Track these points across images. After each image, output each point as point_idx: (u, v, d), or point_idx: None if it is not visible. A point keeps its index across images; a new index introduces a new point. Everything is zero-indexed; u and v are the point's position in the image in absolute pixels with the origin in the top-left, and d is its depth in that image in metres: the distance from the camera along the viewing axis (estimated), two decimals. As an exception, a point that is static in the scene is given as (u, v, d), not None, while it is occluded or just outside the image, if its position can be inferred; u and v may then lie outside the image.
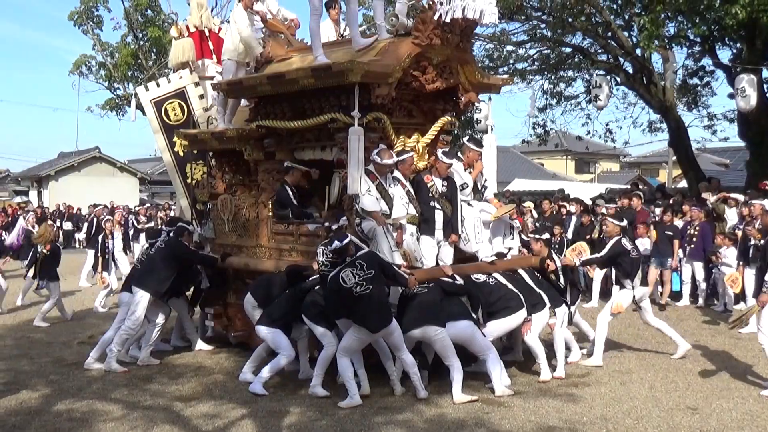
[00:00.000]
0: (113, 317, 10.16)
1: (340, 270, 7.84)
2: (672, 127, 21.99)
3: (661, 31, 16.88)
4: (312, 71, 8.70)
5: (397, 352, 8.00)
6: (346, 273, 7.78)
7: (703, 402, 8.01)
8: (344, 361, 7.91)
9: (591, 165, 54.29)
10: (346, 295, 7.74)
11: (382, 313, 7.78)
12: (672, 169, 35.44)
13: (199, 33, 12.27)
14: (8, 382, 8.86)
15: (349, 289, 7.71)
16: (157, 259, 9.71)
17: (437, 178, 9.13)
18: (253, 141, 9.93)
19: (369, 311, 7.74)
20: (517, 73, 22.80)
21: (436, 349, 8.17)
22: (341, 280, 7.75)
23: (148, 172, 46.97)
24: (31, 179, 44.77)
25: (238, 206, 10.22)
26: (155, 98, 12.27)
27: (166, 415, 7.57)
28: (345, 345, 7.96)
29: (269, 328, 8.45)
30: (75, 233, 33.13)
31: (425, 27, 8.72)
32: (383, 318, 7.78)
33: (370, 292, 7.70)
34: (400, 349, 7.94)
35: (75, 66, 34.94)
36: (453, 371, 8.00)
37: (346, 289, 7.72)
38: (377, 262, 7.87)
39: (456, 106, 9.76)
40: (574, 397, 8.14)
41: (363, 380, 8.12)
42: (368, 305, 7.72)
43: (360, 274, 7.72)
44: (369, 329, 7.79)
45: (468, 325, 8.15)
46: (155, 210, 27.26)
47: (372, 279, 7.71)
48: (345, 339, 7.96)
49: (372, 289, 7.71)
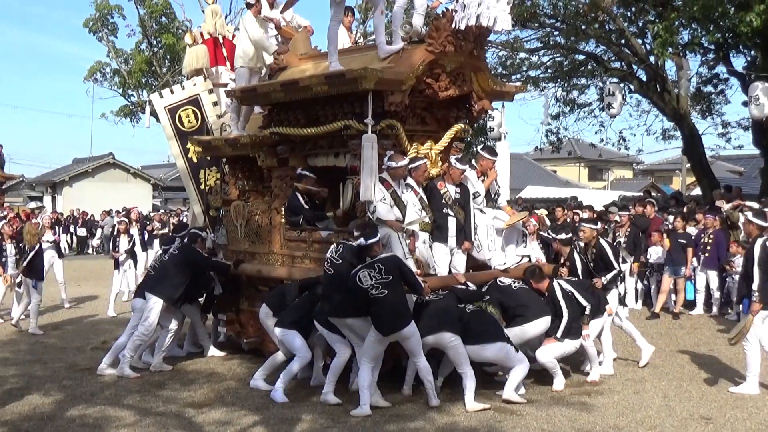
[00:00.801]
0: (126, 323, 10.19)
1: (359, 270, 7.85)
2: (686, 135, 21.91)
3: (675, 39, 16.84)
4: (325, 78, 8.72)
5: (414, 358, 7.96)
6: (363, 273, 7.78)
7: (717, 412, 7.96)
8: (364, 368, 7.86)
9: (604, 172, 54.12)
10: (362, 295, 7.74)
11: (395, 317, 7.74)
12: (686, 177, 35.32)
13: (213, 40, 12.32)
14: (21, 387, 8.89)
15: (365, 290, 7.71)
16: (170, 265, 9.73)
17: (450, 184, 9.12)
18: (266, 148, 9.95)
19: (382, 314, 7.72)
20: (530, 81, 22.78)
21: (449, 355, 8.15)
22: (358, 279, 7.76)
23: (162, 178, 47.13)
24: (46, 185, 44.99)
25: (251, 213, 10.24)
26: (169, 105, 12.32)
27: (179, 421, 7.57)
28: (365, 350, 7.91)
29: (285, 330, 8.46)
30: (89, 239, 33.27)
31: (439, 34, 8.72)
32: (396, 322, 7.73)
33: (384, 297, 7.68)
34: (416, 355, 7.90)
35: (90, 73, 35.18)
36: (466, 379, 7.97)
37: (363, 290, 7.72)
38: (398, 268, 7.84)
39: (469, 113, 9.74)
40: (587, 406, 8.10)
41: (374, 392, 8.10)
42: (382, 308, 7.70)
43: (377, 277, 7.72)
44: (379, 331, 7.77)
45: (501, 347, 8.12)
46: (168, 216, 27.34)
47: (388, 284, 7.69)
48: (365, 345, 7.92)
49: (387, 294, 7.68)
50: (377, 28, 9.31)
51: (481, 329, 8.14)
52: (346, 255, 8.04)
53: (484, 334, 8.11)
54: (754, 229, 8.95)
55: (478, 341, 8.07)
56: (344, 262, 8.00)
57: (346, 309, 7.95)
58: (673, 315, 13.65)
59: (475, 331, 8.11)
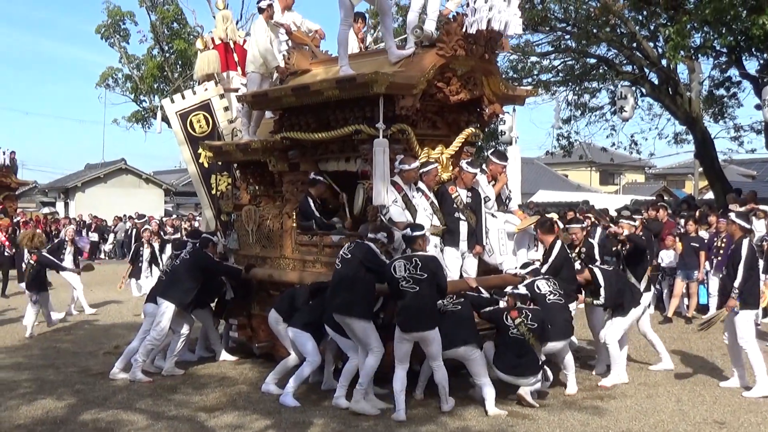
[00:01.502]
0: (138, 328, 10.22)
1: (396, 259, 7.90)
2: (698, 139, 21.82)
3: (687, 42, 16.79)
4: (336, 83, 8.72)
5: (433, 362, 7.90)
6: (399, 263, 7.80)
7: (730, 416, 7.91)
8: (398, 372, 7.84)
9: (616, 176, 53.97)
10: (394, 285, 7.76)
11: (421, 316, 7.69)
12: (698, 181, 35.17)
13: (224, 45, 12.37)
14: (34, 391, 8.92)
15: (397, 279, 7.73)
16: (181, 270, 9.75)
17: (462, 189, 9.11)
18: (277, 152, 9.97)
19: (408, 309, 7.70)
20: (541, 85, 22.73)
21: (469, 367, 8.12)
22: (393, 268, 7.79)
23: (173, 183, 47.33)
24: (58, 190, 45.25)
25: (262, 217, 10.26)
26: (180, 110, 12.37)
27: (191, 425, 7.58)
28: (395, 354, 7.88)
29: (298, 331, 8.45)
30: (101, 244, 33.39)
31: (450, 38, 8.72)
32: (420, 322, 7.69)
33: (415, 292, 7.66)
34: (436, 359, 7.85)
35: (102, 79, 35.39)
36: (485, 387, 7.96)
37: (395, 279, 7.74)
38: (434, 269, 7.82)
39: (480, 117, 9.74)
40: (600, 410, 8.06)
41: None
42: (409, 303, 7.68)
43: (411, 270, 7.71)
44: (402, 327, 7.74)
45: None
46: (181, 221, 27.44)
47: (421, 281, 7.68)
48: (394, 347, 7.89)
49: (418, 290, 7.66)
50: (387, 32, 9.31)
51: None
52: (356, 252, 8.00)
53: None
54: (737, 230, 9.17)
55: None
56: (353, 258, 7.97)
57: (350, 307, 7.88)
58: (686, 319, 13.59)
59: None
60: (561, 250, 9.13)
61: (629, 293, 9.38)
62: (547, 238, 9.32)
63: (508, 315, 8.21)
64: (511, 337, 8.10)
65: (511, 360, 8.10)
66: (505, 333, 8.15)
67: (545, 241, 9.34)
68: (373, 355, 7.86)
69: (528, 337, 8.07)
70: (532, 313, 8.19)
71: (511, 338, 8.10)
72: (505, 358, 8.11)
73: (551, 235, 9.30)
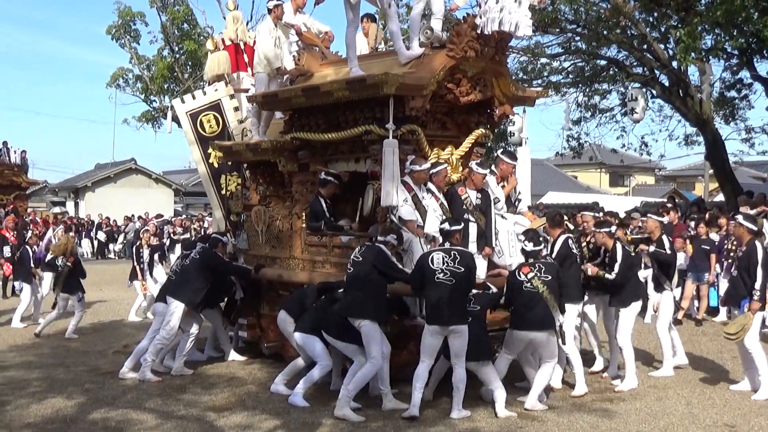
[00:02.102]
0: (148, 327, 10.24)
1: (434, 250, 7.91)
2: (709, 141, 21.75)
3: (698, 44, 16.72)
4: (346, 83, 8.73)
5: (455, 359, 7.85)
6: (437, 255, 7.80)
7: (741, 419, 7.87)
8: (421, 366, 7.84)
9: (626, 178, 53.84)
10: (428, 276, 7.74)
11: (453, 309, 7.68)
12: (708, 183, 35.03)
13: (235, 46, 12.39)
14: (44, 390, 8.96)
15: (432, 270, 7.71)
16: (191, 270, 9.76)
17: (471, 190, 9.10)
18: (287, 153, 9.98)
19: (441, 301, 7.69)
20: (551, 86, 22.66)
21: (480, 377, 8.10)
22: (430, 259, 7.78)
23: (183, 183, 47.43)
24: (68, 190, 45.40)
25: (272, 217, 10.27)
26: (191, 110, 12.39)
27: (200, 425, 7.60)
28: (422, 348, 7.88)
29: (306, 335, 8.45)
30: (109, 244, 33.51)
31: (460, 39, 8.71)
32: (453, 315, 7.68)
33: (451, 285, 7.66)
34: (460, 357, 7.82)
35: (112, 79, 35.54)
36: (496, 391, 7.96)
37: (430, 270, 7.72)
38: (471, 265, 7.85)
39: (490, 118, 9.73)
40: (609, 413, 8.04)
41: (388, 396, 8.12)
42: (443, 294, 7.67)
43: (449, 263, 7.72)
44: (431, 319, 7.72)
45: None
46: (191, 221, 27.51)
47: (457, 274, 7.68)
48: (422, 342, 7.89)
49: (454, 283, 7.67)
50: (394, 34, 9.29)
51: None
52: (367, 254, 8.00)
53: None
54: (745, 232, 9.16)
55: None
56: (365, 261, 7.97)
57: (363, 309, 7.88)
58: (696, 321, 13.55)
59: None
60: (563, 245, 9.05)
61: (635, 280, 9.37)
62: (554, 231, 9.31)
63: (520, 271, 8.21)
64: (525, 292, 8.08)
65: (529, 315, 8.08)
66: (519, 290, 8.11)
67: (552, 234, 9.34)
68: (370, 364, 7.85)
69: (542, 290, 8.04)
70: (545, 266, 8.19)
71: (526, 293, 8.07)
72: (525, 315, 8.09)
73: (559, 228, 9.30)
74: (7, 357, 10.90)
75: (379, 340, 7.89)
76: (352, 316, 7.94)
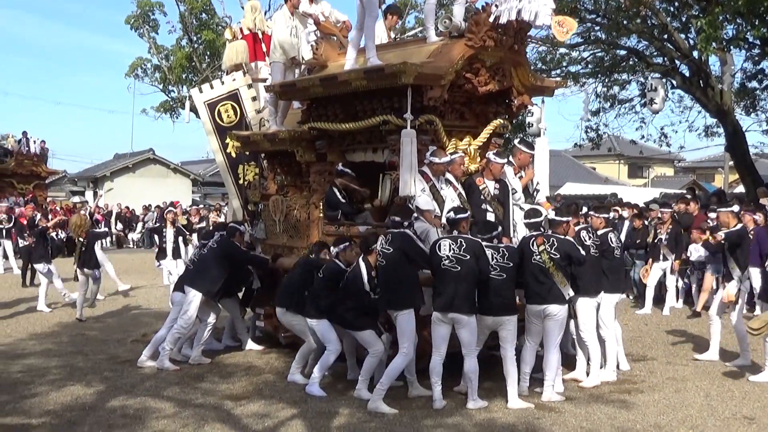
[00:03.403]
0: (166, 316, 10.29)
1: (442, 238, 7.94)
2: (729, 132, 21.57)
3: (719, 34, 16.53)
4: (364, 73, 8.70)
5: (464, 349, 7.84)
6: (445, 242, 7.84)
7: (760, 411, 7.82)
8: (434, 359, 7.85)
9: (644, 169, 53.50)
10: (436, 263, 7.78)
11: (457, 297, 7.69)
12: (728, 174, 34.77)
13: (253, 35, 12.38)
14: (64, 377, 9.03)
15: (439, 257, 7.76)
16: (209, 259, 9.80)
17: (489, 180, 9.06)
18: (304, 142, 9.97)
19: (446, 288, 7.71)
20: (570, 76, 22.55)
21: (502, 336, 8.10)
22: (438, 246, 7.82)
23: (201, 173, 47.55)
24: (87, 180, 45.64)
25: (289, 207, 10.28)
26: (209, 100, 12.42)
27: (217, 413, 7.63)
28: (433, 339, 7.89)
29: (317, 320, 8.46)
30: (128, 234, 33.66)
31: (479, 29, 8.66)
32: (456, 303, 7.69)
33: (456, 272, 7.68)
34: (468, 347, 7.81)
35: (131, 69, 35.69)
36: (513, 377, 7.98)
37: (437, 257, 7.77)
38: (478, 252, 7.81)
39: (508, 108, 9.67)
40: (627, 404, 8.01)
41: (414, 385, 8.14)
42: (448, 281, 7.69)
43: (455, 250, 7.74)
44: (437, 307, 7.75)
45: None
46: (208, 210, 27.55)
47: (463, 262, 7.69)
48: (432, 335, 7.90)
49: (459, 271, 7.68)
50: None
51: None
52: (396, 243, 7.95)
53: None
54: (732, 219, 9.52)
55: None
56: (395, 250, 7.93)
57: (401, 301, 7.86)
58: (715, 314, 13.41)
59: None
60: (577, 237, 8.86)
61: (597, 272, 8.96)
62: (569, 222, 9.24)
63: (535, 241, 8.21)
64: (533, 263, 8.11)
65: (535, 287, 8.11)
66: (528, 261, 8.13)
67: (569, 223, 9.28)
68: (401, 356, 7.86)
69: (548, 266, 8.06)
70: (558, 243, 8.17)
71: (533, 265, 8.11)
72: (530, 287, 8.14)
73: (575, 218, 9.21)
74: (27, 345, 10.99)
75: (413, 332, 7.88)
76: (391, 308, 7.95)
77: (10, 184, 32.85)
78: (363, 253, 8.30)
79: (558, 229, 8.33)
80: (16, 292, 16.61)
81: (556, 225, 8.35)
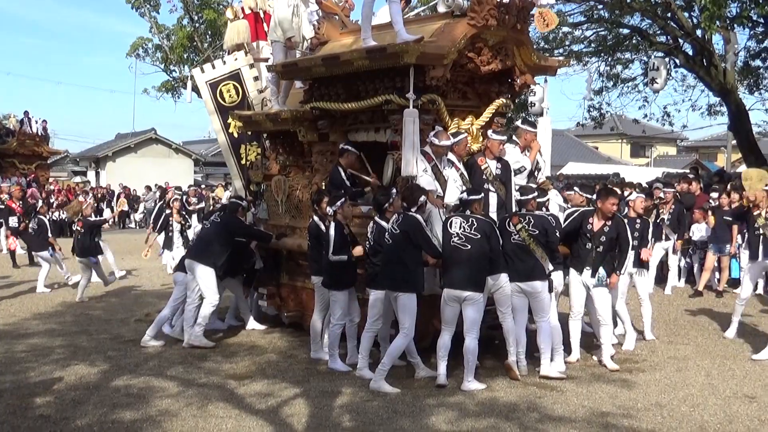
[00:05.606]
0: (168, 296, 10.32)
1: (454, 215, 8.01)
2: (732, 111, 21.48)
3: (723, 12, 16.41)
4: (367, 53, 8.65)
5: (466, 330, 7.84)
6: (456, 219, 7.90)
7: (761, 390, 7.86)
8: (443, 335, 7.91)
9: (647, 149, 53.39)
10: (446, 240, 7.87)
11: (465, 275, 7.73)
12: (731, 154, 34.69)
13: (254, 15, 12.35)
14: (68, 357, 9.08)
15: (449, 234, 7.84)
16: (212, 233, 9.83)
17: (491, 160, 9.04)
18: (307, 122, 9.95)
19: (455, 266, 7.77)
20: (573, 55, 22.45)
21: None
22: (449, 223, 7.91)
23: (203, 153, 47.55)
24: (89, 160, 45.66)
25: (291, 187, 10.27)
26: (210, 80, 12.39)
27: (221, 392, 7.67)
28: (442, 317, 7.94)
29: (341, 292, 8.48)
30: (131, 214, 33.68)
31: (481, 8, 8.60)
32: (464, 280, 7.73)
33: (466, 250, 7.72)
34: (471, 328, 7.81)
35: (132, 49, 35.52)
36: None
37: (447, 234, 7.86)
38: (489, 231, 7.85)
39: (511, 88, 9.63)
40: (629, 383, 8.04)
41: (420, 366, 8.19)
42: (457, 259, 7.75)
43: (466, 228, 7.80)
44: (445, 284, 7.84)
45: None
46: (208, 191, 27.54)
47: (473, 240, 7.74)
48: (441, 312, 7.95)
49: (469, 249, 7.72)
50: (394, 16, 9.09)
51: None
52: (404, 226, 7.90)
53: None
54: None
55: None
56: (402, 232, 7.90)
57: (403, 283, 7.84)
58: (717, 293, 13.48)
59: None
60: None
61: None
62: (575, 200, 9.50)
63: (510, 221, 8.30)
64: (513, 243, 8.19)
65: (518, 266, 8.16)
66: (507, 241, 8.19)
67: (573, 203, 9.54)
68: (402, 336, 7.88)
69: (529, 242, 8.14)
70: (534, 219, 8.25)
71: (514, 245, 8.19)
72: (512, 266, 8.17)
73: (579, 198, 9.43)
74: (30, 324, 11.04)
75: (414, 312, 7.86)
76: (393, 289, 7.94)
77: (12, 164, 32.88)
78: (377, 212, 8.41)
79: (528, 207, 8.39)
80: (21, 272, 16.67)
81: (524, 203, 8.42)
